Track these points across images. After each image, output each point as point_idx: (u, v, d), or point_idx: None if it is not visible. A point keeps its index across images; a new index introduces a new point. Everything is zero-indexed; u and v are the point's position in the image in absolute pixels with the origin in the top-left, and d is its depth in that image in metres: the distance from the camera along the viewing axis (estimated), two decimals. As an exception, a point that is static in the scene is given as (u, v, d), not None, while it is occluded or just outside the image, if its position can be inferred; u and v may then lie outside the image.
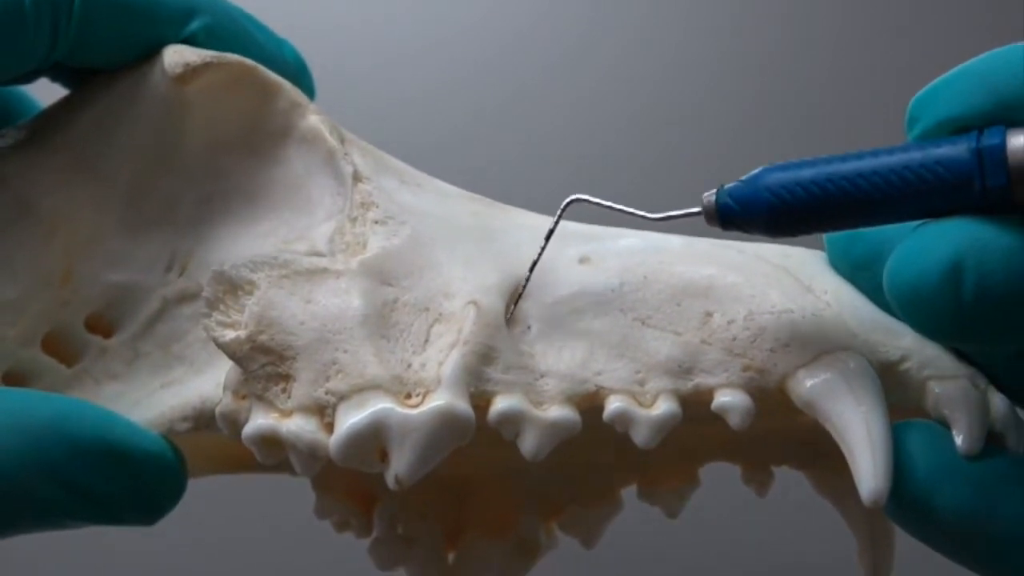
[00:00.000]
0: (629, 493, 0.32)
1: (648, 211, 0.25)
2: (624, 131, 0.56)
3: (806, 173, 0.23)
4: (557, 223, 0.26)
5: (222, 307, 0.25)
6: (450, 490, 0.31)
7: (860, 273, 0.26)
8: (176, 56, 0.28)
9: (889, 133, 0.55)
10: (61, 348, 0.29)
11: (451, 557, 0.31)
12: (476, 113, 0.56)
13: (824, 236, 0.26)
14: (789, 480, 0.30)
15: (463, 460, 0.30)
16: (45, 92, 0.31)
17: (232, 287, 0.25)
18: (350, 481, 0.31)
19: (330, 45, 0.32)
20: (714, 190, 0.24)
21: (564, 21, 0.58)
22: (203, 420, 0.26)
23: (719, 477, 0.31)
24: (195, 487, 0.28)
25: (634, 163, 0.56)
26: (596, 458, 0.30)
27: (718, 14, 0.58)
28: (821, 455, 0.28)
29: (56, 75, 0.30)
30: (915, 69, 0.56)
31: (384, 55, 0.56)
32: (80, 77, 0.30)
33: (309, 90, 0.31)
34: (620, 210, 0.25)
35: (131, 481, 0.26)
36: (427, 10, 0.58)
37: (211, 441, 0.29)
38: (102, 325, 0.29)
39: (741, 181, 0.23)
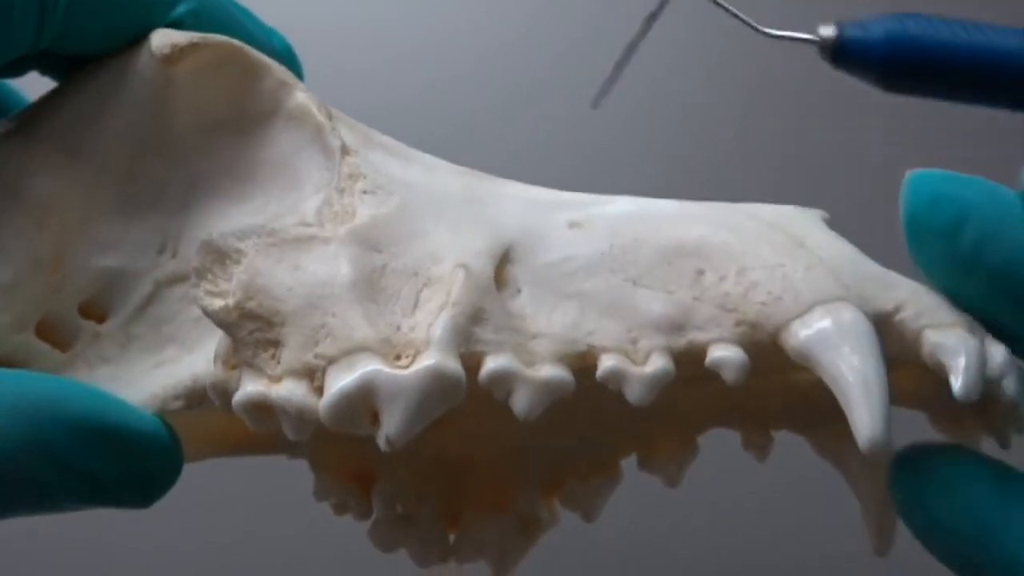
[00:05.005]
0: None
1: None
2: (625, 131, 0.56)
3: (927, 32, 0.21)
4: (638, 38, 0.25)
5: (210, 276, 0.24)
6: (449, 469, 0.31)
7: (938, 242, 0.24)
8: (163, 38, 0.28)
9: (890, 129, 0.55)
10: (54, 334, 0.28)
11: (452, 537, 0.31)
12: (476, 112, 0.56)
13: (903, 199, 0.25)
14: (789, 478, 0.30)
15: (460, 438, 0.30)
16: (35, 90, 0.31)
17: (220, 256, 0.25)
18: (348, 461, 0.31)
19: (330, 44, 0.32)
20: (832, 25, 0.22)
21: (565, 19, 0.58)
22: (195, 397, 0.26)
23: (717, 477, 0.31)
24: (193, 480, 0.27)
25: (636, 162, 0.56)
26: (593, 430, 0.30)
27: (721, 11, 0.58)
28: (822, 417, 0.28)
29: (44, 67, 0.30)
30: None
31: (384, 54, 0.57)
32: (69, 68, 0.30)
33: (298, 78, 0.31)
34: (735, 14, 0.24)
35: (126, 460, 0.25)
36: (428, 9, 0.58)
37: (205, 423, 0.29)
38: (95, 311, 0.29)
39: (862, 24, 0.22)
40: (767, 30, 0.23)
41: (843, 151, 0.56)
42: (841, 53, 0.21)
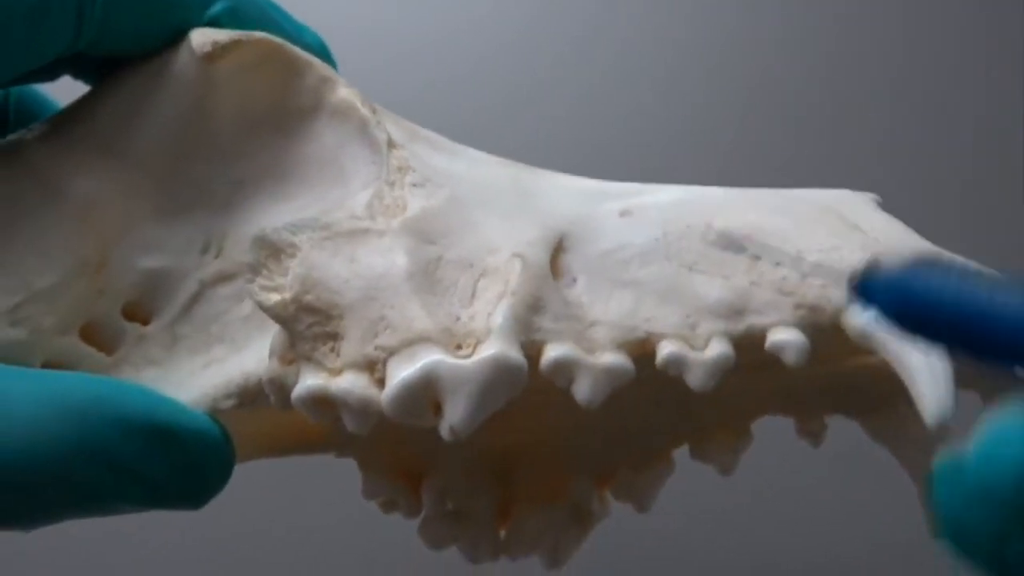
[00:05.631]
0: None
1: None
2: (626, 131, 0.56)
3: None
4: None
5: (265, 271, 0.24)
6: (498, 463, 0.31)
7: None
8: (203, 36, 0.28)
9: (890, 129, 0.55)
10: (99, 337, 0.28)
11: (503, 532, 0.31)
12: (476, 112, 0.56)
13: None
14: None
15: (510, 430, 0.30)
16: (66, 95, 0.31)
17: (275, 251, 0.24)
18: (397, 459, 0.30)
19: (330, 44, 0.32)
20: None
21: (569, 16, 0.58)
22: (247, 396, 0.26)
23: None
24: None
25: (636, 162, 0.56)
26: (645, 419, 0.30)
27: (725, 8, 0.58)
28: (877, 402, 0.28)
29: (78, 69, 0.30)
30: (916, 68, 0.57)
31: (384, 54, 0.57)
32: (102, 72, 0.30)
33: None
34: None
35: (179, 460, 0.25)
36: (429, 9, 0.58)
37: (255, 422, 0.28)
38: (140, 312, 0.28)
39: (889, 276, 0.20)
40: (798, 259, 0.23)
41: (843, 151, 0.56)
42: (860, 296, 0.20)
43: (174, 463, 0.25)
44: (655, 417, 0.30)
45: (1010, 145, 0.55)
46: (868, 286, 0.20)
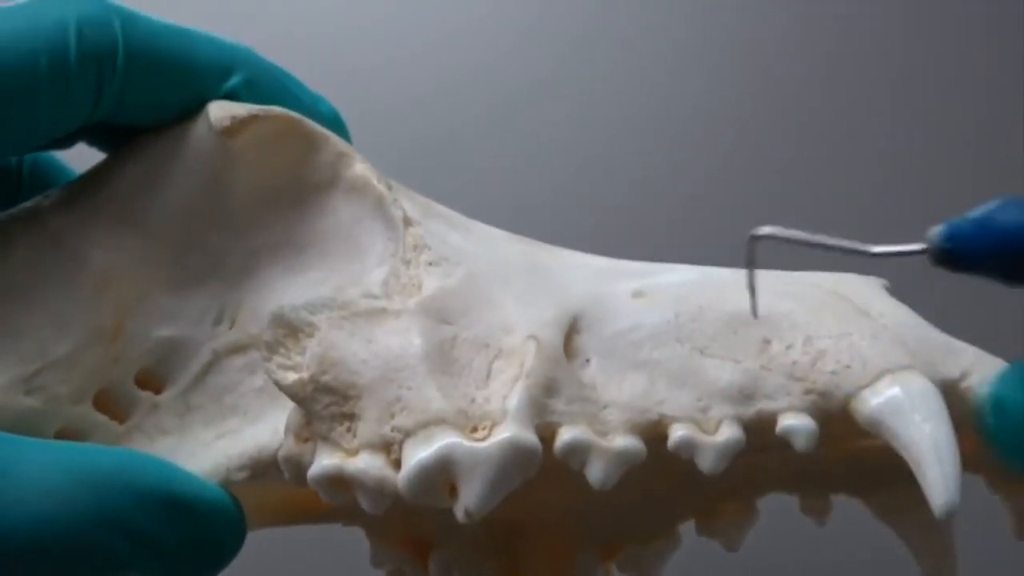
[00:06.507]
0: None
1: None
2: (627, 130, 0.57)
3: None
4: (752, 262, 0.24)
5: (283, 350, 0.25)
6: (505, 535, 0.31)
7: None
8: (222, 110, 0.28)
9: (890, 129, 0.55)
10: (112, 405, 0.28)
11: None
12: (476, 112, 0.56)
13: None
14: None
15: (517, 504, 0.30)
16: (78, 161, 0.31)
17: (292, 330, 0.25)
18: (405, 529, 0.31)
19: (330, 44, 0.32)
20: (939, 226, 0.20)
21: (569, 17, 0.58)
22: (260, 468, 0.26)
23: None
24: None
25: (637, 162, 0.56)
26: (652, 493, 0.30)
27: (726, 11, 0.58)
28: (882, 482, 0.28)
29: (95, 138, 0.30)
30: (916, 68, 0.57)
31: (384, 54, 0.57)
32: (118, 140, 0.30)
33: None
34: (828, 246, 0.22)
35: (195, 531, 0.25)
36: (429, 8, 0.58)
37: (265, 493, 0.29)
38: (153, 381, 0.29)
39: (971, 219, 0.20)
40: (873, 249, 0.22)
41: (844, 151, 0.56)
42: (951, 261, 0.19)
43: (189, 534, 0.25)
44: (663, 492, 0.30)
45: (1010, 145, 0.55)
46: (960, 251, 0.19)
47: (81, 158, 0.31)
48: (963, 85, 0.56)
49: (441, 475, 0.23)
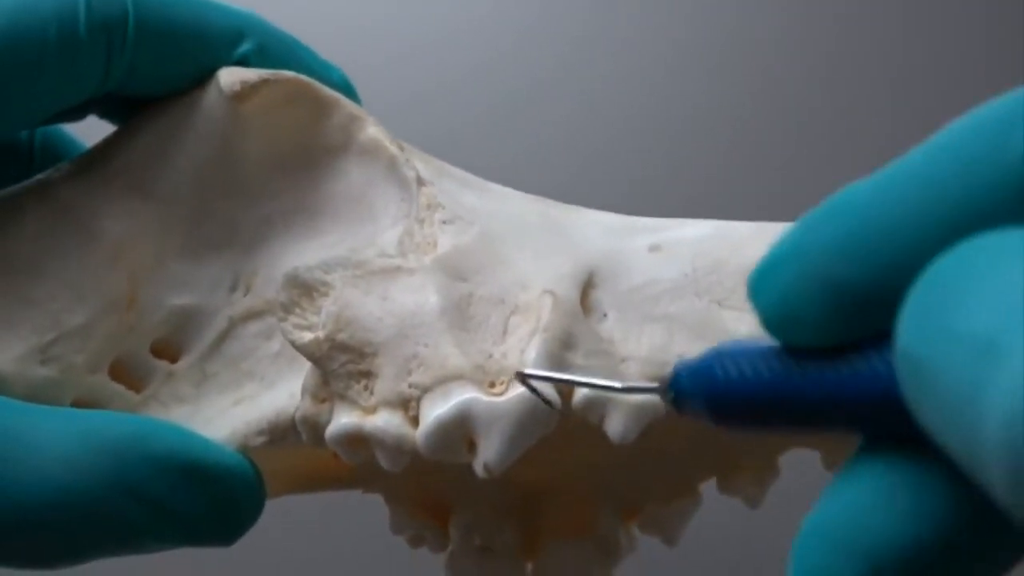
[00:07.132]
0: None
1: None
2: (627, 130, 0.56)
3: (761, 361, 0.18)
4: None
5: (298, 310, 0.25)
6: (525, 496, 0.31)
7: None
8: (232, 76, 0.28)
9: (890, 129, 0.55)
10: (128, 374, 0.28)
11: (530, 566, 0.31)
12: (477, 112, 0.56)
13: None
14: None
15: (537, 466, 0.30)
16: (87, 134, 0.31)
17: (307, 290, 0.25)
18: (423, 494, 0.30)
19: (330, 44, 0.32)
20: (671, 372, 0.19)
21: (569, 17, 0.58)
22: (278, 433, 0.26)
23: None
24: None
25: (636, 162, 0.56)
26: (672, 452, 0.30)
27: (725, 11, 0.58)
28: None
29: (105, 109, 0.30)
30: (916, 68, 0.57)
31: (384, 54, 0.57)
32: (128, 111, 0.30)
33: None
34: (580, 383, 0.23)
35: (212, 497, 0.25)
36: (429, 8, 0.58)
37: (283, 459, 0.29)
38: (168, 350, 0.29)
39: (689, 366, 0.19)
40: (618, 385, 0.22)
41: (844, 152, 0.56)
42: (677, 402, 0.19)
43: (207, 500, 0.25)
44: (682, 449, 0.30)
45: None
46: (681, 388, 0.18)
47: (91, 132, 0.31)
48: (963, 85, 0.56)
49: (459, 430, 0.23)
